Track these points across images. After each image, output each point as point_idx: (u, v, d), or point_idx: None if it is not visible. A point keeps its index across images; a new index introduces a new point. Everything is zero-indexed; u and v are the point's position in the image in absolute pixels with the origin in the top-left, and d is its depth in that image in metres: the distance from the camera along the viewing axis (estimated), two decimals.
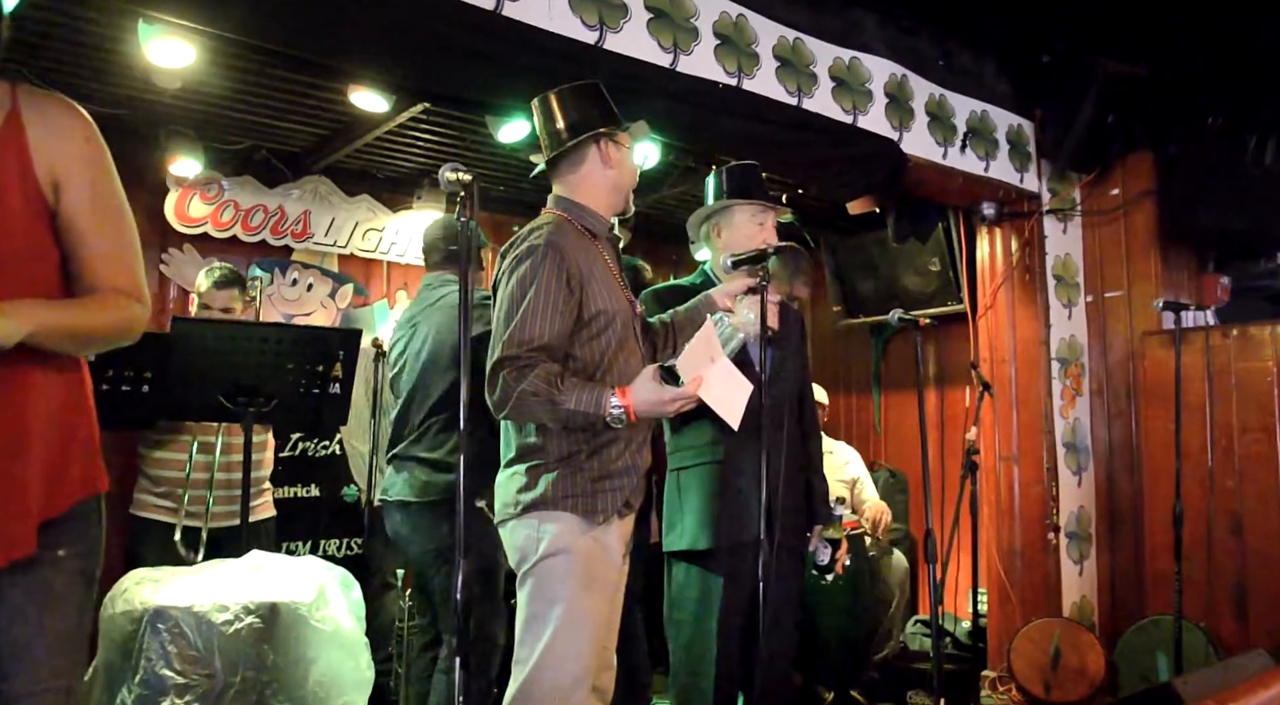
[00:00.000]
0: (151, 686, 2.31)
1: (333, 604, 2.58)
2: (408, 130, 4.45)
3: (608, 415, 2.10)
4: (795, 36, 3.85)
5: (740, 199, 2.89)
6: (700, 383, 2.11)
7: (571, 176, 2.38)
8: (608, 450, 2.23)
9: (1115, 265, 4.95)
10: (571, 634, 2.14)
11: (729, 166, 3.00)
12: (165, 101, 3.99)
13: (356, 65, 3.17)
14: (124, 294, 1.69)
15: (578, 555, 2.16)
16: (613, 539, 2.24)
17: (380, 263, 5.31)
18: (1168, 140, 4.79)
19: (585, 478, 2.20)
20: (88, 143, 1.66)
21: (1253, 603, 4.26)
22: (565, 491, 2.18)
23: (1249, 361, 4.39)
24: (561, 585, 2.15)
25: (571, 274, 2.19)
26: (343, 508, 4.65)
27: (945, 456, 5.45)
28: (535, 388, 2.09)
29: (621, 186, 2.41)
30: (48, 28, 3.38)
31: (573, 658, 2.13)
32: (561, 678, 2.13)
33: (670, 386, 2.13)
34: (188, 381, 2.97)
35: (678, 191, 5.15)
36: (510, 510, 2.24)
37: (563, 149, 2.34)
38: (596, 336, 2.24)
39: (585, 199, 2.37)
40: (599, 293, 2.25)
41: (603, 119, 2.36)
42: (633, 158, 2.46)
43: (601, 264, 2.32)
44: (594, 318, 2.23)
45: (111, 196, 1.70)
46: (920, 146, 4.29)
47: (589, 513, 2.18)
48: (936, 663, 3.08)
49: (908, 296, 5.52)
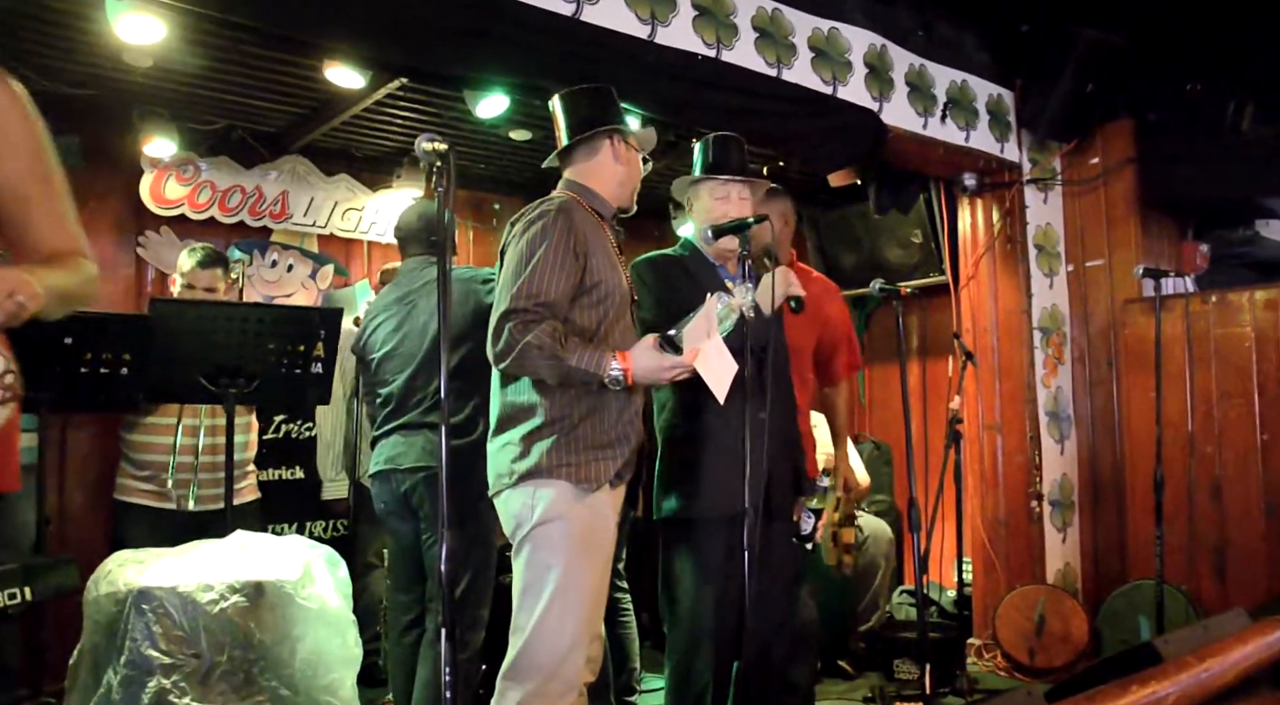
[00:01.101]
0: (138, 667, 2.30)
1: (318, 582, 2.58)
2: (385, 107, 4.41)
3: (607, 376, 2.19)
4: (774, 7, 3.82)
5: (704, 175, 2.88)
6: (697, 355, 2.21)
7: (585, 164, 2.51)
8: (601, 417, 2.28)
9: (1096, 234, 4.97)
10: (567, 599, 2.18)
11: (705, 138, 2.98)
12: (137, 80, 3.94)
13: (330, 40, 3.12)
14: (82, 255, 1.76)
15: (573, 521, 2.21)
16: (606, 507, 2.28)
17: (360, 242, 5.27)
18: (1147, 108, 4.80)
19: (579, 445, 2.24)
20: (21, 111, 1.67)
21: (1231, 564, 4.32)
22: (559, 460, 2.22)
23: (1228, 327, 4.43)
24: (557, 550, 2.19)
25: (578, 241, 2.29)
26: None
27: (929, 427, 5.48)
28: (540, 341, 2.16)
29: (628, 183, 2.56)
30: (13, 3, 3.31)
31: (570, 623, 2.18)
32: (559, 643, 2.17)
33: (670, 354, 2.22)
34: (168, 363, 2.95)
35: (658, 166, 5.13)
36: (505, 480, 2.28)
37: (581, 137, 2.47)
38: (596, 305, 2.33)
39: (595, 185, 2.50)
40: (601, 265, 2.34)
41: (616, 118, 2.53)
42: (640, 162, 2.60)
43: (605, 242, 2.42)
44: (595, 286, 2.32)
45: (51, 160, 1.73)
46: (900, 117, 4.28)
47: (583, 480, 2.23)
48: (922, 632, 3.11)
49: (890, 269, 5.52)
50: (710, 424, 2.76)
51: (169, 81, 4.02)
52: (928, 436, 5.46)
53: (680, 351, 2.21)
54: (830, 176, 4.63)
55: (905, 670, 4.26)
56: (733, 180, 2.85)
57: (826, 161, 4.30)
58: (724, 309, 2.28)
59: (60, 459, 4.20)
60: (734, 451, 2.67)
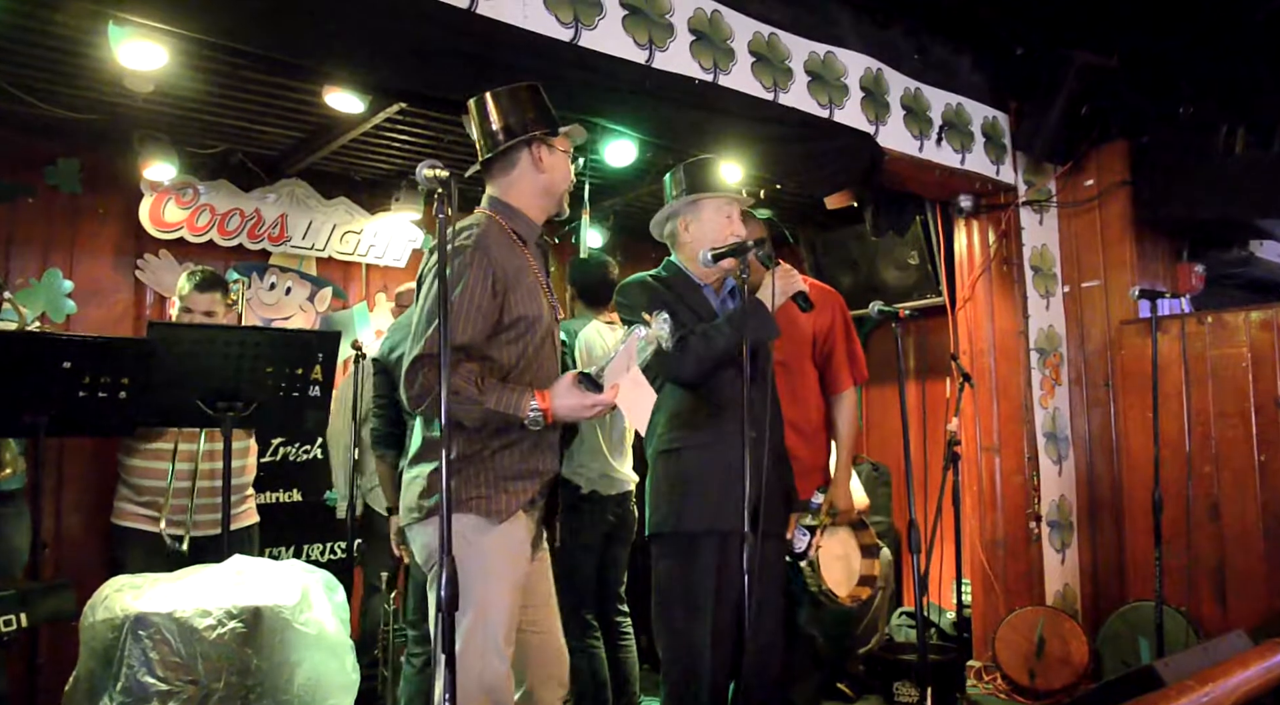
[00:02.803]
0: (134, 694, 2.29)
1: (316, 607, 2.57)
2: (384, 131, 4.43)
3: (526, 417, 2.17)
4: (770, 31, 3.86)
5: (706, 193, 2.89)
6: (617, 391, 2.22)
7: (503, 179, 2.42)
8: (512, 452, 2.27)
9: (1091, 255, 4.99)
10: (486, 624, 2.17)
11: (686, 163, 2.99)
12: (138, 105, 3.96)
13: (330, 66, 3.15)
14: None
15: (481, 550, 2.20)
16: (518, 532, 2.27)
17: (359, 265, 5.28)
18: (1141, 130, 4.83)
19: (487, 478, 2.24)
20: None
21: (1231, 585, 4.31)
22: (467, 494, 2.22)
23: (1224, 348, 4.44)
24: (469, 577, 2.16)
25: (497, 278, 2.24)
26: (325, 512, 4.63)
27: (927, 448, 5.48)
28: (455, 386, 2.12)
29: (553, 190, 2.44)
30: (16, 31, 3.34)
31: (491, 647, 2.17)
32: (485, 667, 2.16)
33: (591, 392, 2.19)
34: (166, 387, 2.94)
35: (654, 189, 5.16)
36: (414, 515, 2.28)
37: (494, 152, 2.38)
38: (515, 341, 2.29)
39: (516, 201, 2.41)
40: (521, 299, 2.29)
41: (537, 122, 2.38)
42: (569, 161, 2.48)
43: (527, 269, 2.36)
44: (514, 322, 2.28)
45: None
46: (896, 140, 4.32)
47: (491, 513, 2.22)
48: (922, 654, 3.10)
49: (887, 290, 5.54)
50: (701, 440, 2.77)
51: (169, 106, 4.04)
52: (926, 458, 5.45)
53: (600, 388, 2.20)
54: (827, 199, 4.66)
55: (905, 693, 4.24)
56: (735, 198, 2.88)
57: (823, 184, 4.33)
58: (642, 342, 2.29)
59: (58, 483, 4.19)
60: (724, 467, 2.68)
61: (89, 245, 4.46)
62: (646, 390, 2.35)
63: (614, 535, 3.68)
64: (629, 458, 3.76)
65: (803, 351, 3.32)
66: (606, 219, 5.58)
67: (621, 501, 3.69)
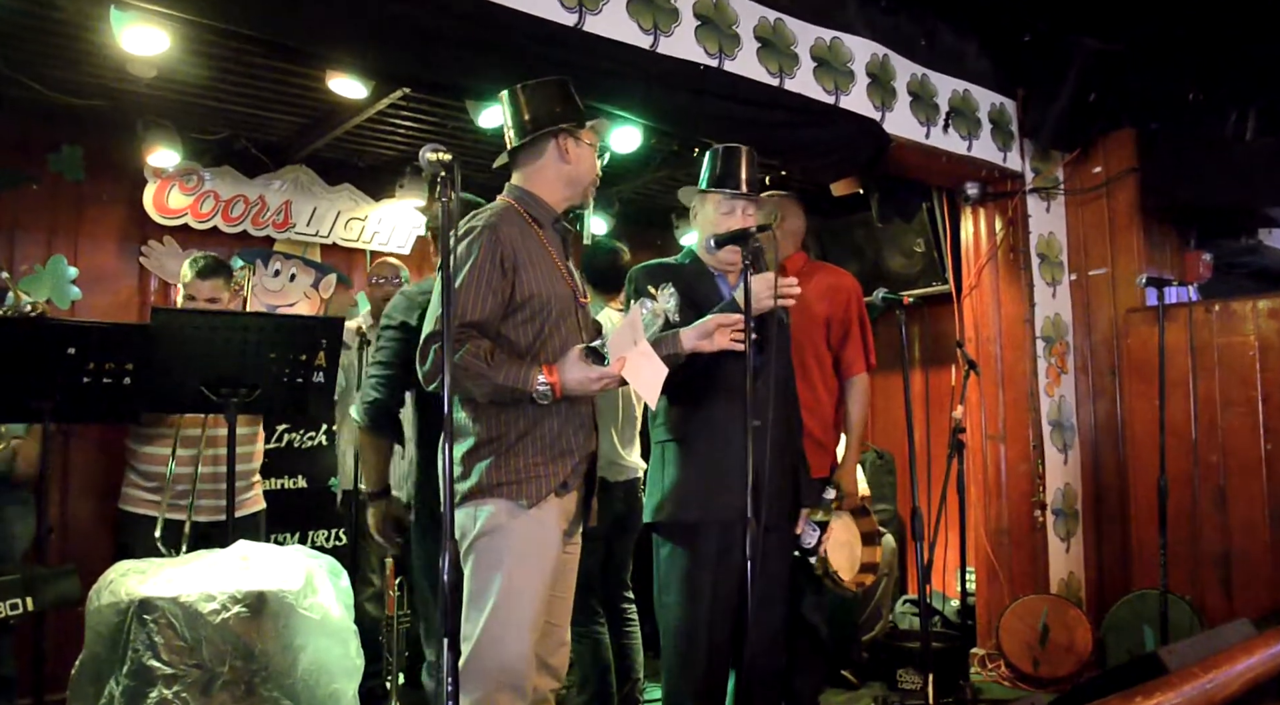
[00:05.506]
0: (140, 678, 2.30)
1: (320, 592, 2.58)
2: (388, 117, 4.42)
3: (534, 391, 2.19)
4: (776, 17, 3.83)
5: (710, 189, 2.88)
6: (624, 364, 2.22)
7: (528, 167, 2.46)
8: (539, 433, 2.28)
9: (1098, 243, 4.97)
10: (509, 609, 2.19)
11: (714, 148, 2.97)
12: (141, 91, 3.95)
13: (333, 51, 3.13)
14: None
15: (514, 533, 2.22)
16: (551, 516, 2.28)
17: (363, 252, 5.28)
18: (1149, 117, 4.80)
19: (517, 463, 2.25)
20: None
21: (1236, 574, 4.31)
22: (497, 479, 2.24)
23: (1231, 337, 4.42)
24: (499, 559, 2.21)
25: (505, 256, 2.27)
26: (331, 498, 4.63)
27: (932, 436, 5.45)
28: (465, 362, 2.17)
29: (577, 181, 2.48)
30: (18, 17, 3.33)
31: (514, 631, 2.19)
32: (502, 651, 2.19)
33: (597, 366, 2.22)
34: (170, 373, 2.94)
35: (661, 175, 5.14)
36: None
37: (522, 142, 2.43)
38: (529, 320, 2.31)
39: (537, 189, 2.45)
40: (533, 278, 2.31)
41: (565, 115, 2.43)
42: (594, 155, 2.52)
43: (541, 250, 2.38)
44: (527, 301, 2.30)
45: None
46: (903, 126, 4.29)
47: (522, 497, 2.24)
48: (925, 641, 3.11)
49: (893, 278, 5.52)
50: (703, 428, 2.76)
51: (173, 92, 4.04)
52: (930, 446, 5.42)
53: (604, 361, 2.21)
54: (833, 186, 4.64)
55: (908, 680, 4.25)
56: (737, 196, 2.85)
57: (829, 171, 4.31)
58: (649, 315, 2.28)
59: (64, 469, 4.20)
60: (726, 457, 2.67)
61: (93, 232, 4.46)
62: (657, 364, 2.32)
63: (621, 522, 3.68)
64: (637, 445, 3.76)
65: (816, 336, 3.32)
66: (611, 205, 5.57)
67: (629, 488, 3.68)
